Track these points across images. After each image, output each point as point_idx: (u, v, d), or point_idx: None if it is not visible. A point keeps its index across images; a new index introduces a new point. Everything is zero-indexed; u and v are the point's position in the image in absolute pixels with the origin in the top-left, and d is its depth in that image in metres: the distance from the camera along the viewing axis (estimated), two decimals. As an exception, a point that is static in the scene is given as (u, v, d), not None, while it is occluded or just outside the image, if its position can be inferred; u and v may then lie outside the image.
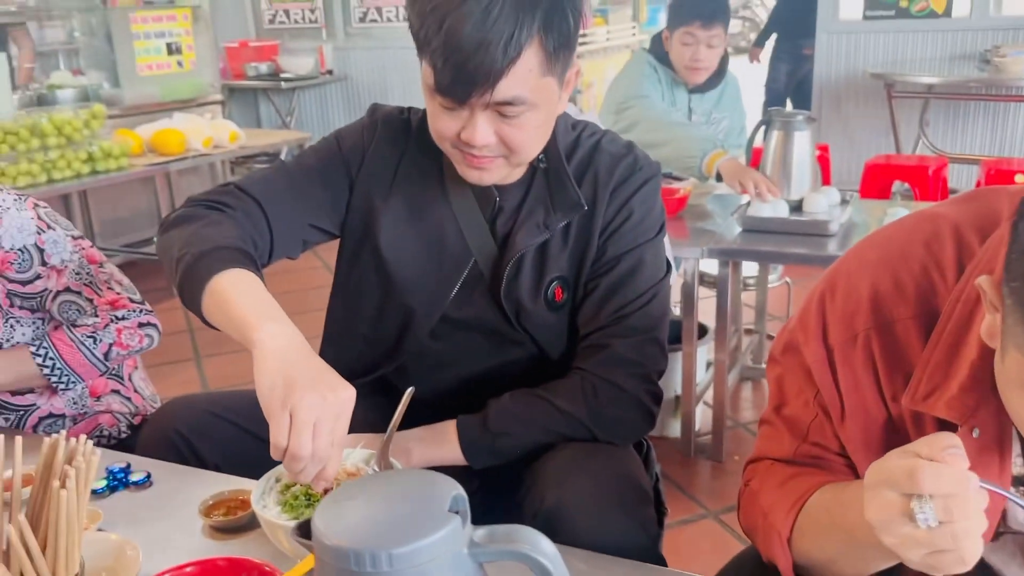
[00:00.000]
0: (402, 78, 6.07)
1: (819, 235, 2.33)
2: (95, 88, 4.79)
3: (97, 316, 1.51)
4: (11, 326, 1.49)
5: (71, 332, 1.49)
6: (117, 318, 1.51)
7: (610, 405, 1.23)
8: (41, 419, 1.56)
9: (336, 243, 1.39)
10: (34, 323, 1.52)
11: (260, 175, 1.32)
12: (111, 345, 1.50)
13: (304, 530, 0.57)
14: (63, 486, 0.67)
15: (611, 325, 1.26)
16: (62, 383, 1.48)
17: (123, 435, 1.63)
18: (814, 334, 0.93)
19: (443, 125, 1.18)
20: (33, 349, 1.47)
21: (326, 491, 1.02)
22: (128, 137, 4.02)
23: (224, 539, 1.09)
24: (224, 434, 1.34)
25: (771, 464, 1.00)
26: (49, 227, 1.49)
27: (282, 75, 6.07)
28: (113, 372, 1.62)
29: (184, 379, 3.23)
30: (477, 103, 1.12)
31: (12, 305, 1.49)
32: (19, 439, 0.73)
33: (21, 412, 1.54)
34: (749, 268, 3.17)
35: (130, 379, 1.68)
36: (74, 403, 1.58)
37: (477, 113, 1.14)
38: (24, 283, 1.47)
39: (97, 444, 1.07)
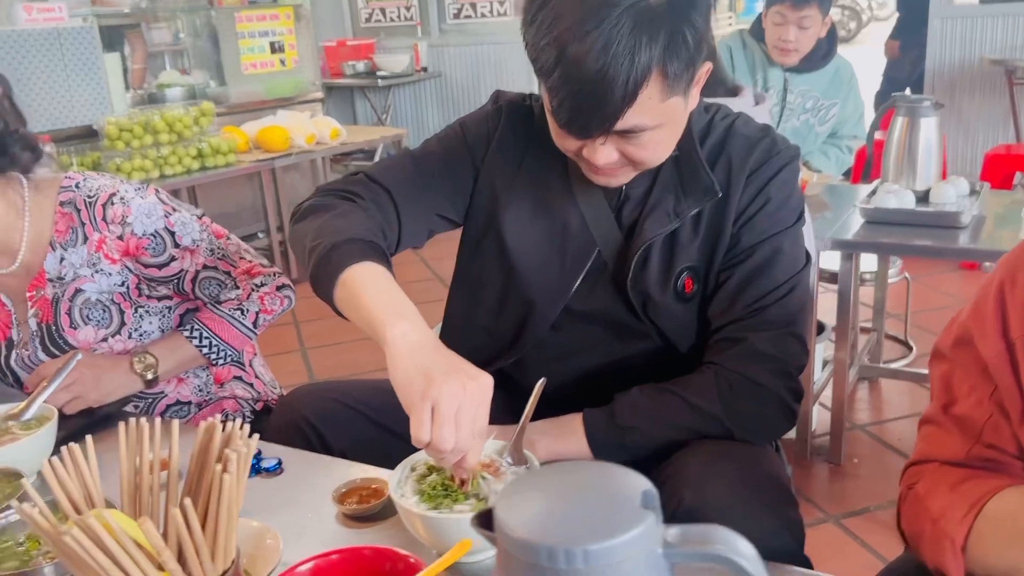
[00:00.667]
0: (495, 74, 6.06)
1: (949, 227, 2.20)
2: (201, 87, 4.94)
3: (238, 288, 1.54)
4: (140, 316, 1.53)
5: (217, 309, 1.52)
6: (257, 286, 1.54)
7: (747, 401, 1.17)
8: (168, 407, 1.59)
9: (439, 237, 1.37)
10: (161, 312, 1.55)
11: (388, 164, 1.31)
12: (257, 313, 1.53)
13: (484, 521, 0.54)
14: (225, 470, 0.66)
15: (747, 318, 1.21)
16: (220, 358, 1.52)
17: (247, 420, 1.65)
18: (992, 327, 0.86)
19: (564, 143, 1.16)
20: (186, 333, 1.50)
21: (463, 482, 1.00)
22: (235, 134, 4.13)
23: (358, 527, 1.08)
24: (351, 422, 1.34)
25: (940, 466, 0.93)
26: (175, 209, 1.52)
27: (378, 73, 6.15)
28: (235, 359, 1.65)
29: (291, 369, 3.29)
30: (597, 134, 1.09)
31: (141, 295, 1.53)
32: (176, 422, 0.73)
33: (150, 400, 1.57)
34: (866, 263, 3.03)
35: (251, 365, 1.71)
36: (199, 390, 1.61)
37: (597, 140, 1.11)
38: (160, 266, 1.51)
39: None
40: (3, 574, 0.92)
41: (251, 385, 1.69)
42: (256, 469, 1.22)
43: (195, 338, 1.50)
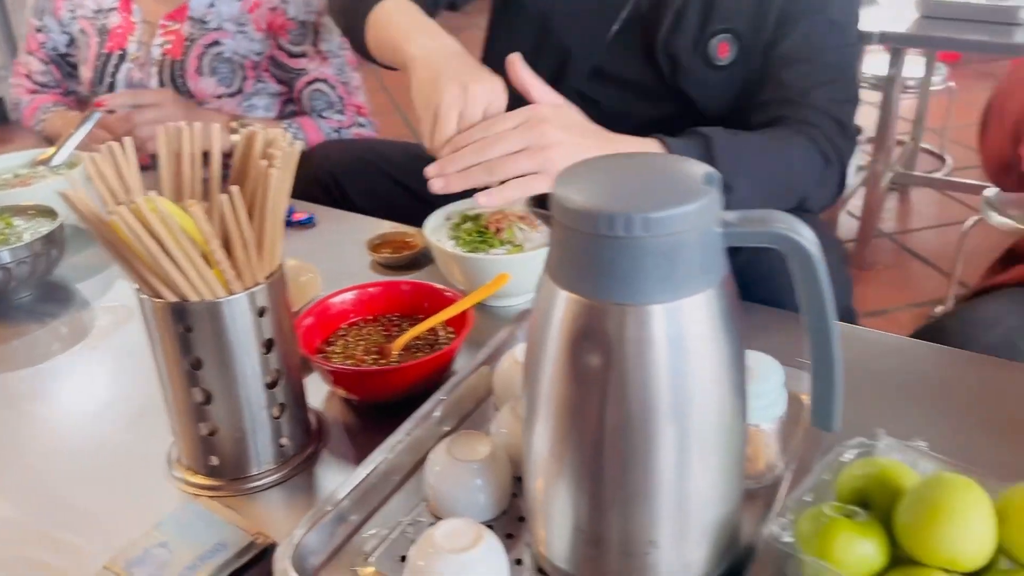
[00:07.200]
0: None
1: (1007, 23, 2.09)
2: None
3: (343, 115, 1.56)
4: (256, 90, 1.54)
5: (320, 121, 1.54)
6: (360, 124, 1.57)
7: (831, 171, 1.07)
8: None
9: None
10: (273, 94, 1.56)
11: None
12: None
13: (539, 202, 0.53)
14: (272, 166, 0.65)
15: (793, 100, 1.12)
16: None
17: None
18: None
19: None
20: (284, 124, 1.52)
21: (498, 229, 1.00)
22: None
23: (393, 275, 1.09)
24: (374, 179, 1.32)
25: None
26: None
27: None
28: None
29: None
30: None
31: (268, 70, 1.53)
32: (216, 125, 0.71)
33: None
34: (911, 69, 2.88)
35: None
36: None
37: None
38: (291, 55, 1.51)
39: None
40: None
41: None
42: (289, 223, 1.22)
43: (291, 135, 1.50)
